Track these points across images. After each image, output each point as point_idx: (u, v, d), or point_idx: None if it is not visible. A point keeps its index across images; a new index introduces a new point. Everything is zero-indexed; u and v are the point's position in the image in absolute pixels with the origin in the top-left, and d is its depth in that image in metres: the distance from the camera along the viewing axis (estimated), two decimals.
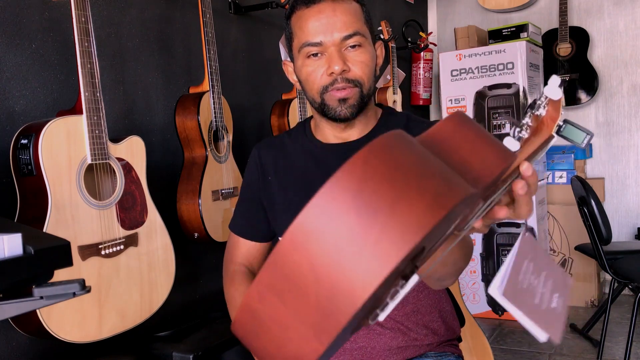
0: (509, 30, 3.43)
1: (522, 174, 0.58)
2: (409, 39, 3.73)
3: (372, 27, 1.08)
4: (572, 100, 3.66)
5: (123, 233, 1.41)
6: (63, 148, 1.29)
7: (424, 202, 0.36)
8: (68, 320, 1.27)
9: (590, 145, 3.74)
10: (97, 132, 1.35)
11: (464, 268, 0.95)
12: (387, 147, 0.38)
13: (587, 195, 2.56)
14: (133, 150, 1.47)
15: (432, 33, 4.08)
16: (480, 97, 3.32)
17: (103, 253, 1.35)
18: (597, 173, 3.75)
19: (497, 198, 0.59)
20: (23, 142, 1.27)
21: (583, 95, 3.64)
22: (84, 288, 0.80)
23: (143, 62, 1.85)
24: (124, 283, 1.41)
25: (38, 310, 1.20)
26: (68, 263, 0.85)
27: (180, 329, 1.74)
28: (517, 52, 3.21)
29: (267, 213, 1.19)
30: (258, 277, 0.38)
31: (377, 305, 0.43)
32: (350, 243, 0.35)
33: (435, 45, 3.98)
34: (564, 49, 3.65)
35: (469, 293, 3.37)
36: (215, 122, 1.81)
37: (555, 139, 0.72)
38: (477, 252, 3.31)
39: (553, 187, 3.54)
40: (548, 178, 3.56)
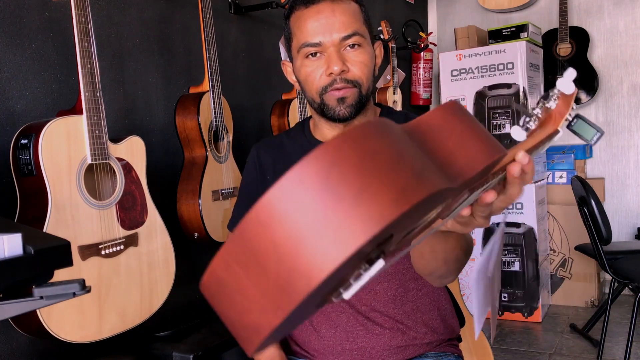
0: (509, 30, 3.43)
1: (517, 162, 0.58)
2: (409, 39, 3.73)
3: (371, 27, 1.09)
4: None
5: (123, 233, 1.42)
6: (63, 148, 1.29)
7: (389, 195, 0.37)
8: (68, 320, 1.27)
9: (591, 145, 3.74)
10: (97, 132, 1.35)
11: (465, 265, 0.95)
12: (362, 135, 0.38)
13: (587, 195, 2.56)
14: (133, 150, 1.47)
15: (432, 33, 4.08)
16: (480, 97, 3.32)
17: (103, 253, 1.36)
18: (597, 173, 3.75)
19: (489, 187, 0.59)
20: (23, 142, 1.27)
21: (583, 95, 3.64)
22: (84, 288, 0.80)
23: (143, 62, 1.85)
24: (124, 283, 1.41)
25: (38, 310, 1.20)
26: (68, 263, 0.85)
27: (180, 329, 1.74)
28: (517, 52, 3.21)
29: None
30: (225, 246, 0.39)
31: (340, 285, 0.44)
32: (312, 227, 0.36)
33: (435, 45, 3.98)
34: (564, 49, 3.65)
35: (469, 293, 3.37)
36: (215, 122, 1.81)
37: (561, 134, 0.72)
38: (476, 252, 3.31)
39: (553, 187, 3.54)
40: (548, 178, 3.56)
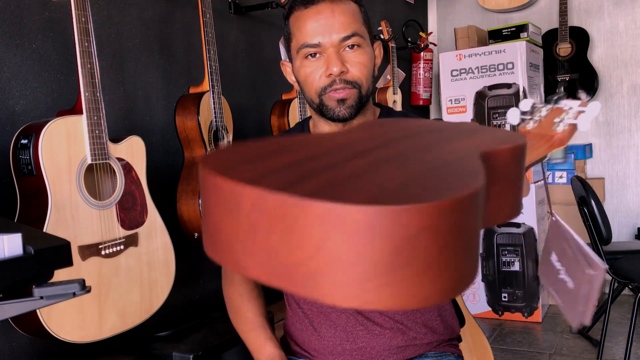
0: (509, 30, 3.43)
1: None
2: (409, 39, 3.73)
3: (370, 27, 1.08)
4: None
5: (123, 233, 1.41)
6: (63, 148, 1.29)
7: (445, 283, 0.35)
8: (68, 320, 1.27)
9: (590, 145, 3.74)
10: (97, 132, 1.35)
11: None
12: (461, 208, 0.36)
13: (587, 195, 2.56)
14: (133, 150, 1.47)
15: (432, 33, 4.08)
16: (480, 97, 3.32)
17: (103, 253, 1.35)
18: (597, 173, 3.75)
19: None
20: (23, 142, 1.27)
21: (583, 96, 3.63)
22: (84, 288, 0.80)
23: (143, 62, 1.85)
24: (124, 283, 1.41)
25: (38, 310, 1.20)
26: (68, 263, 0.85)
27: (180, 329, 1.74)
28: (517, 52, 3.21)
29: None
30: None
31: None
32: (361, 263, 0.34)
33: (435, 45, 3.98)
34: (564, 49, 3.65)
35: (469, 293, 3.37)
36: (215, 122, 1.81)
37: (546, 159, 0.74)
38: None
39: (553, 187, 3.54)
40: (548, 178, 3.56)
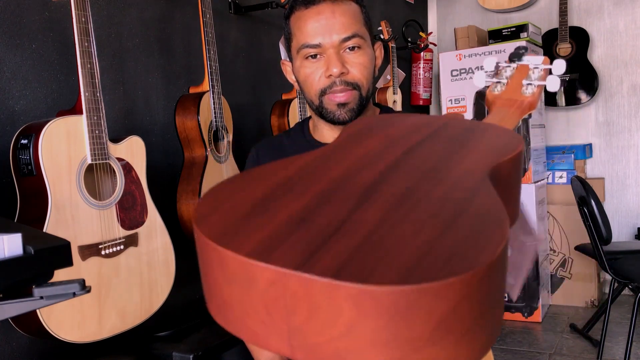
0: (509, 30, 3.43)
1: None
2: (409, 39, 3.73)
3: (371, 28, 1.08)
4: (572, 100, 3.65)
5: (123, 233, 1.41)
6: (63, 148, 1.29)
7: (470, 350, 0.35)
8: (68, 320, 1.27)
9: (590, 145, 3.74)
10: (97, 132, 1.35)
11: None
12: (489, 275, 0.35)
13: (587, 195, 2.56)
14: (133, 150, 1.47)
15: (432, 33, 4.08)
16: (481, 97, 3.32)
17: (103, 253, 1.35)
18: (597, 173, 3.75)
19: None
20: (23, 142, 1.27)
21: (583, 95, 3.63)
22: (84, 288, 0.80)
23: (143, 62, 1.85)
24: (124, 283, 1.41)
25: (38, 310, 1.20)
26: (68, 263, 0.85)
27: (180, 329, 1.74)
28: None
29: None
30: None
31: None
32: (398, 340, 0.33)
33: (435, 45, 3.98)
34: (564, 49, 3.65)
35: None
36: (215, 122, 1.81)
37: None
38: None
39: (553, 187, 3.54)
40: (548, 178, 3.56)
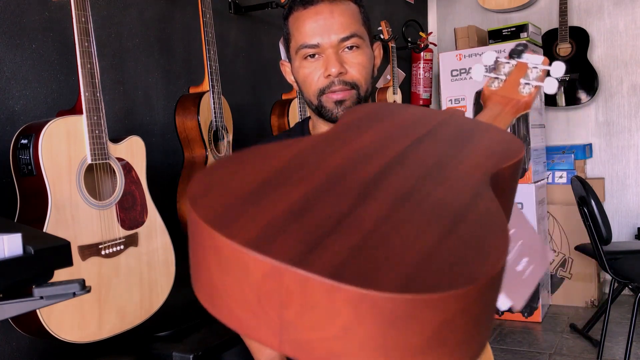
0: (509, 30, 3.43)
1: None
2: (409, 39, 3.73)
3: (370, 28, 1.08)
4: (572, 100, 3.65)
5: (123, 233, 1.41)
6: (63, 148, 1.29)
7: (473, 351, 0.36)
8: (68, 320, 1.27)
9: (590, 145, 3.74)
10: (97, 132, 1.35)
11: None
12: (489, 288, 0.35)
13: (587, 195, 2.56)
14: (133, 150, 1.47)
15: (432, 33, 4.08)
16: (480, 97, 3.32)
17: (103, 253, 1.35)
18: (597, 173, 3.75)
19: None
20: (23, 142, 1.27)
21: (583, 95, 3.64)
22: (84, 288, 0.80)
23: (143, 62, 1.85)
24: (124, 283, 1.41)
25: (38, 310, 1.20)
26: (68, 263, 0.85)
27: (180, 329, 1.74)
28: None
29: None
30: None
31: None
32: (394, 346, 0.32)
33: (435, 45, 3.98)
34: (564, 49, 3.65)
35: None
36: (215, 122, 1.81)
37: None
38: None
39: (553, 187, 3.54)
40: (548, 178, 3.56)
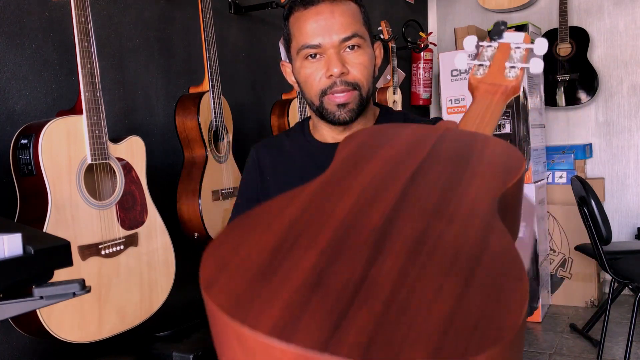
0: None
1: None
2: (409, 39, 3.73)
3: (370, 28, 1.08)
4: (572, 100, 3.65)
5: (123, 233, 1.42)
6: (63, 148, 1.29)
7: None
8: (68, 320, 1.27)
9: (590, 145, 3.74)
10: (97, 132, 1.35)
11: None
12: (521, 331, 0.35)
13: (587, 195, 2.56)
14: (133, 150, 1.47)
15: (432, 33, 4.08)
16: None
17: (103, 253, 1.36)
18: (597, 173, 3.75)
19: None
20: (23, 142, 1.27)
21: (583, 95, 3.63)
22: (84, 288, 0.80)
23: (143, 62, 1.85)
24: (124, 283, 1.41)
25: (38, 310, 1.20)
26: (68, 263, 0.85)
27: (180, 329, 1.74)
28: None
29: None
30: None
31: None
32: None
33: (435, 45, 3.98)
34: (564, 49, 3.65)
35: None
36: (215, 122, 1.81)
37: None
38: None
39: (553, 187, 3.54)
40: (548, 178, 3.56)
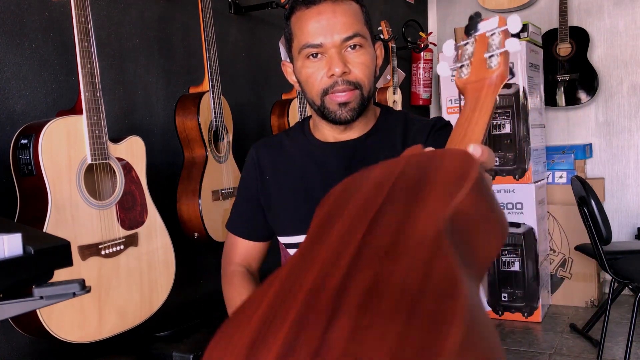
0: None
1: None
2: (409, 39, 3.73)
3: (371, 28, 1.08)
4: (572, 100, 3.65)
5: (123, 233, 1.41)
6: (63, 148, 1.29)
7: None
8: (68, 321, 1.27)
9: (590, 145, 3.74)
10: (97, 132, 1.35)
11: None
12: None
13: (587, 195, 2.56)
14: (133, 150, 1.47)
15: (432, 33, 4.08)
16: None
17: (103, 253, 1.35)
18: (597, 173, 3.75)
19: None
20: (23, 142, 1.27)
21: (583, 95, 3.64)
22: (84, 288, 0.80)
23: (143, 62, 1.85)
24: (124, 283, 1.41)
25: (38, 310, 1.20)
26: (68, 263, 0.85)
27: (180, 329, 1.74)
28: (517, 52, 3.20)
29: (265, 213, 1.19)
30: None
31: None
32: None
33: (435, 45, 3.98)
34: (564, 49, 3.65)
35: None
36: (215, 122, 1.81)
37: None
38: None
39: (553, 187, 3.54)
40: (548, 178, 3.56)
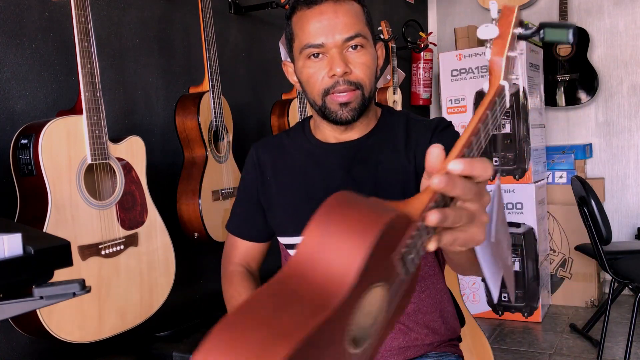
0: None
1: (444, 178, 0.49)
2: (409, 39, 3.73)
3: (373, 28, 1.08)
4: (572, 100, 3.65)
5: (123, 233, 1.41)
6: (63, 148, 1.29)
7: None
8: (68, 320, 1.27)
9: (590, 145, 3.74)
10: (97, 132, 1.35)
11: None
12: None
13: (587, 195, 2.56)
14: (133, 150, 1.47)
15: (432, 33, 4.08)
16: (480, 97, 3.32)
17: (103, 253, 1.35)
18: (597, 173, 3.75)
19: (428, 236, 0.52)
20: (23, 142, 1.27)
21: (583, 95, 3.64)
22: (84, 288, 0.80)
23: (143, 62, 1.85)
24: (124, 283, 1.41)
25: (38, 310, 1.20)
26: (68, 263, 0.85)
27: (180, 329, 1.74)
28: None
29: (265, 213, 1.19)
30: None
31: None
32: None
33: (435, 45, 3.98)
34: (564, 49, 3.65)
35: (469, 293, 3.37)
36: (215, 122, 1.81)
37: (508, 86, 0.67)
38: None
39: (553, 187, 3.54)
40: (548, 178, 3.56)
